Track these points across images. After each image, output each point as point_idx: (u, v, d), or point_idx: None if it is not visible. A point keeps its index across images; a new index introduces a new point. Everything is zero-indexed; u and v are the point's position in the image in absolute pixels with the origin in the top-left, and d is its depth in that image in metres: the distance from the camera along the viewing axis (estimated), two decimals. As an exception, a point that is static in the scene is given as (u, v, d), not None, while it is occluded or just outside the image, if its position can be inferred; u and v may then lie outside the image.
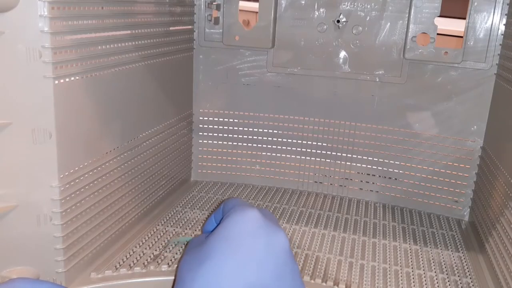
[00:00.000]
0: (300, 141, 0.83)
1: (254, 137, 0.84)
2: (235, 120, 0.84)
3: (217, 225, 0.48)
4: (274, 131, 0.83)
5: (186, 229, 0.68)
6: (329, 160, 0.83)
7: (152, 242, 0.64)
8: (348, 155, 0.81)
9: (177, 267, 0.57)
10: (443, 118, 0.76)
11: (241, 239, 0.43)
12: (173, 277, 0.56)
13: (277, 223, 0.47)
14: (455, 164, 0.77)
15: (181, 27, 0.75)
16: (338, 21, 0.76)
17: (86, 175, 0.54)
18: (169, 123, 0.74)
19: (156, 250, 0.62)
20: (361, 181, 0.82)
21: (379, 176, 0.81)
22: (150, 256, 0.60)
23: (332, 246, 0.66)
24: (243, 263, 0.41)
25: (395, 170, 0.80)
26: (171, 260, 0.60)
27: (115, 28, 0.57)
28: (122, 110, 0.61)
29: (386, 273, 0.60)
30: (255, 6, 0.85)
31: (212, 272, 0.41)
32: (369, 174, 0.81)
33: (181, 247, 0.63)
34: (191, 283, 0.41)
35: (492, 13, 0.70)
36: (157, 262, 0.59)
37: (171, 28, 0.71)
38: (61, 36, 0.47)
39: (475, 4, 0.70)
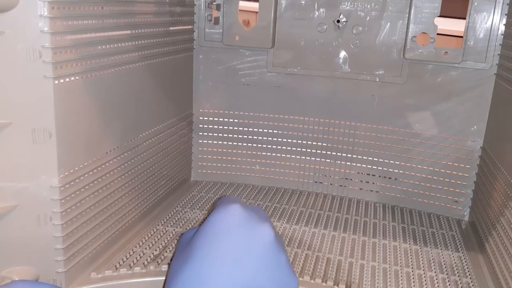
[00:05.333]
0: (300, 141, 0.83)
1: (254, 137, 0.84)
2: (235, 120, 0.84)
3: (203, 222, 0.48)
4: (274, 131, 0.83)
5: (186, 229, 0.68)
6: (329, 160, 0.83)
7: (152, 242, 0.64)
8: (348, 155, 0.81)
9: (169, 265, 0.57)
10: (443, 118, 0.76)
11: (221, 236, 0.44)
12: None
13: (264, 218, 0.47)
14: (455, 164, 0.77)
15: (181, 27, 0.75)
16: (338, 21, 0.76)
17: (86, 175, 0.54)
18: (169, 123, 0.74)
19: (156, 250, 0.62)
20: (361, 181, 0.82)
21: (379, 176, 0.81)
22: (150, 256, 0.60)
23: (332, 246, 0.66)
24: (223, 262, 0.42)
25: (395, 170, 0.80)
26: (171, 260, 0.60)
27: (115, 28, 0.57)
28: (122, 110, 0.61)
29: (386, 273, 0.60)
30: (255, 6, 0.85)
31: (193, 273, 0.41)
32: (369, 174, 0.81)
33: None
34: (176, 284, 0.42)
35: (492, 13, 0.70)
36: (157, 262, 0.59)
37: (171, 28, 0.71)
38: (61, 36, 0.47)
39: (475, 4, 0.70)
